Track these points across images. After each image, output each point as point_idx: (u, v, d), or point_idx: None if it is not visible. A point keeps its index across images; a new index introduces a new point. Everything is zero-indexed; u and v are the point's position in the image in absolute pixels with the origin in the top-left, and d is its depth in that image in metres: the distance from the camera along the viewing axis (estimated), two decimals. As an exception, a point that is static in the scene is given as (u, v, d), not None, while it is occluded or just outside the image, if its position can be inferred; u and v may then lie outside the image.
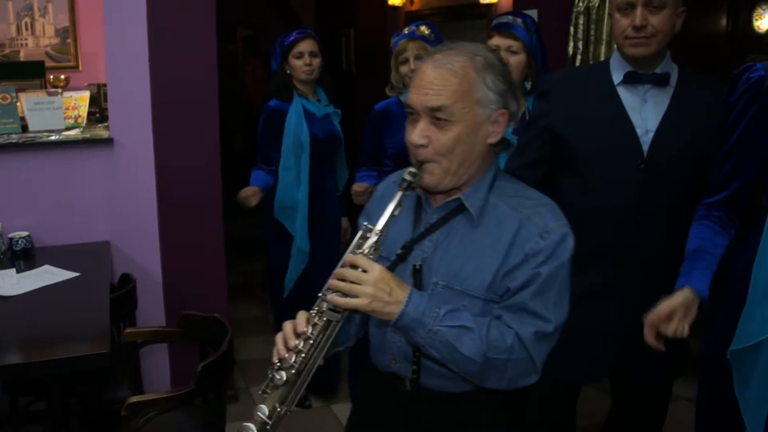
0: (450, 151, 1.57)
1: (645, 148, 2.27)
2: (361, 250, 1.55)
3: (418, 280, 1.63)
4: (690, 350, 2.49)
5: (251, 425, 1.51)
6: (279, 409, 1.52)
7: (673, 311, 1.99)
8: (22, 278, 2.84)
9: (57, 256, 3.11)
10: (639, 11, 2.17)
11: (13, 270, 2.92)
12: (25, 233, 3.21)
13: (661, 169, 2.25)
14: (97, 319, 2.47)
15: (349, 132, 4.02)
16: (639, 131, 2.28)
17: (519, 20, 2.93)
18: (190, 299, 3.61)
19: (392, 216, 1.55)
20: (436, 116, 1.56)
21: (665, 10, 2.16)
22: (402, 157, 3.28)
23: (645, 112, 2.29)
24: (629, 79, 2.30)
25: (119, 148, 3.42)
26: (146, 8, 3.36)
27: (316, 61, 3.74)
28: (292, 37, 3.72)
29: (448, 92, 1.55)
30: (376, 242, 1.55)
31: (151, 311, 3.53)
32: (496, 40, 2.94)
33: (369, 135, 3.52)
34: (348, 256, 1.54)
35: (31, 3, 4.81)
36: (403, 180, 1.56)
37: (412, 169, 1.57)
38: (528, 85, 2.94)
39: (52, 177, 3.35)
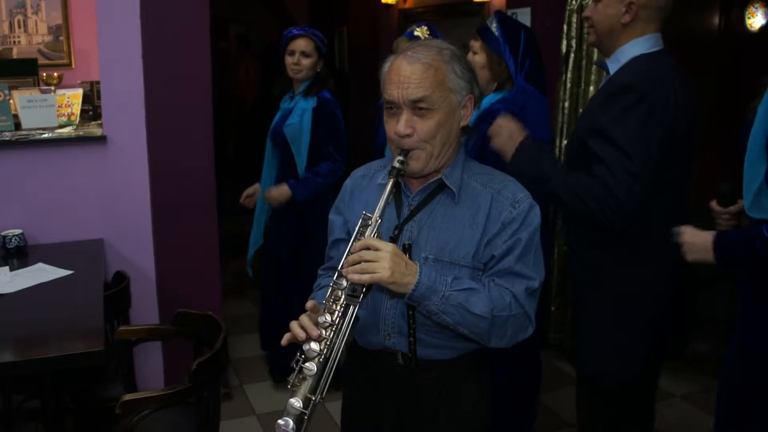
0: (433, 136, 1.74)
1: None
2: (365, 237, 1.68)
3: (408, 257, 1.74)
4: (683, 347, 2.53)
5: (288, 419, 1.60)
6: (314, 399, 1.62)
7: None
8: (16, 276, 2.83)
9: (50, 254, 3.11)
10: (590, 3, 2.45)
11: (7, 268, 2.92)
12: (18, 231, 3.20)
13: (568, 150, 2.61)
14: (91, 316, 2.47)
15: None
16: None
17: (493, 19, 2.98)
18: (183, 297, 3.62)
19: (387, 203, 1.70)
20: (419, 107, 1.72)
21: (600, 3, 2.37)
22: None
23: None
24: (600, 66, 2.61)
25: (112, 145, 3.41)
26: (139, 6, 3.35)
27: (307, 61, 3.77)
28: (290, 34, 3.78)
29: (426, 84, 1.71)
30: (377, 228, 1.69)
31: (145, 309, 3.53)
32: (471, 42, 3.06)
33: (379, 129, 3.55)
34: (359, 241, 1.66)
35: (23, 1, 4.79)
36: (393, 168, 1.72)
37: (400, 158, 1.73)
38: (493, 85, 2.97)
39: (45, 175, 3.34)
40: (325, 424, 3.72)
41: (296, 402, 1.60)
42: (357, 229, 1.71)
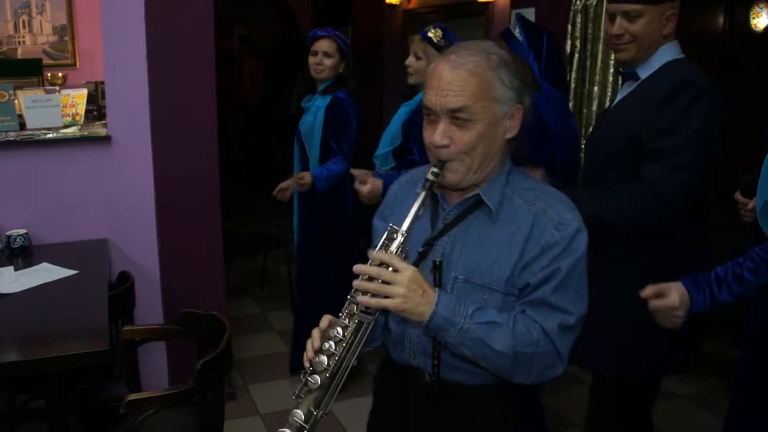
0: (472, 149, 1.60)
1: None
2: (388, 252, 1.57)
3: (437, 275, 1.65)
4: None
5: (287, 430, 1.55)
6: (315, 413, 1.56)
7: None
8: (20, 276, 2.83)
9: (55, 254, 3.11)
10: (617, 20, 2.35)
11: (11, 268, 2.92)
12: (23, 231, 3.20)
13: (589, 155, 2.55)
14: (95, 316, 2.47)
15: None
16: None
17: (516, 24, 2.99)
18: (188, 297, 3.62)
19: (417, 216, 1.59)
20: (457, 116, 1.59)
21: (642, 19, 2.30)
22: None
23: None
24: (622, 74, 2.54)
25: (117, 146, 3.42)
26: (144, 6, 3.36)
27: (329, 62, 3.84)
28: (314, 36, 3.86)
29: (467, 92, 1.57)
30: (402, 243, 1.57)
31: (149, 309, 3.53)
32: None
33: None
34: (378, 254, 1.56)
35: (28, 1, 4.80)
36: (426, 180, 1.60)
37: (435, 169, 1.61)
38: None
39: (49, 175, 3.35)
40: (331, 426, 3.72)
41: (299, 413, 1.55)
42: (381, 241, 1.60)
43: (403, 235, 1.57)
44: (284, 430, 1.55)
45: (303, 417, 1.55)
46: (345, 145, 3.84)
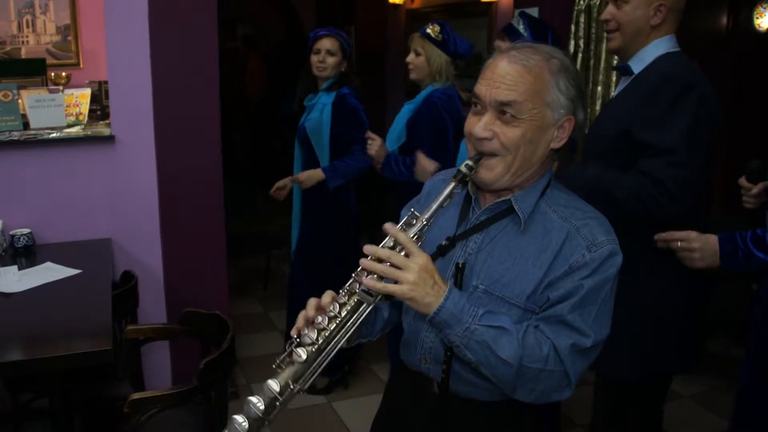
0: (516, 147, 1.52)
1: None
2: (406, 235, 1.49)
3: (459, 279, 1.58)
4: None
5: (261, 398, 1.47)
6: (292, 387, 1.47)
7: None
8: (24, 275, 2.84)
9: (59, 254, 3.12)
10: (608, 7, 2.38)
11: (15, 267, 2.93)
12: (26, 230, 3.21)
13: (585, 154, 2.51)
14: (99, 316, 2.48)
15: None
16: None
17: (519, 20, 2.97)
18: (191, 296, 3.63)
19: (441, 207, 1.50)
20: (504, 110, 1.51)
21: (628, 5, 2.31)
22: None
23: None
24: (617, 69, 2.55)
25: (120, 145, 3.42)
26: (147, 5, 3.36)
27: (332, 60, 3.86)
28: (316, 35, 3.88)
29: (520, 89, 1.50)
30: (420, 230, 1.49)
31: (153, 308, 3.54)
32: (497, 42, 3.01)
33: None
34: (396, 232, 1.47)
35: (32, 1, 4.81)
36: (459, 171, 1.52)
37: (470, 162, 1.53)
38: None
39: (53, 174, 3.35)
40: (334, 425, 3.72)
41: (274, 385, 1.45)
42: (399, 225, 1.51)
43: (422, 222, 1.49)
44: (258, 397, 1.47)
45: (278, 389, 1.46)
46: (363, 140, 3.84)
